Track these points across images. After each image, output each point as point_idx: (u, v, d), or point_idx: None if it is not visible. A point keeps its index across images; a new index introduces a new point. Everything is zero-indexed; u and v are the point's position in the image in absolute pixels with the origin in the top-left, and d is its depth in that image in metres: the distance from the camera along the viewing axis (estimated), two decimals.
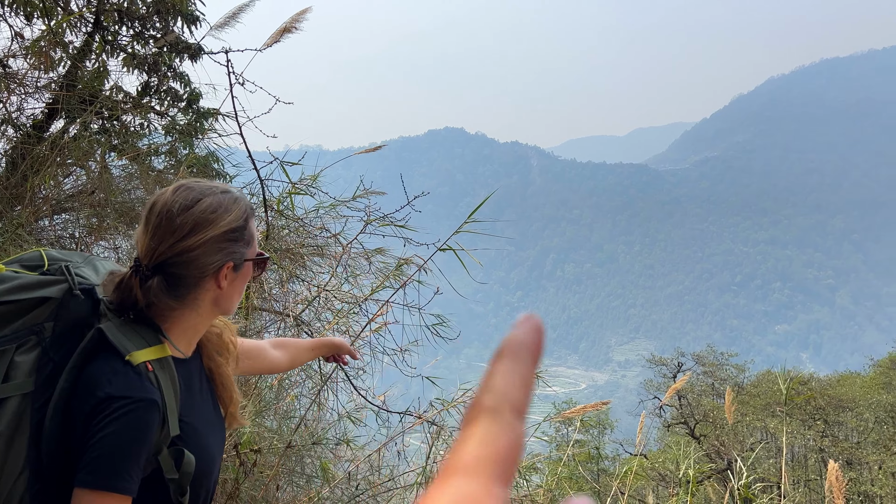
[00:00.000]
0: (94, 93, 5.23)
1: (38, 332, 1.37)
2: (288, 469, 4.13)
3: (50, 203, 4.45)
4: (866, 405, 23.04)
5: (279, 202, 4.44)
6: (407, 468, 4.50)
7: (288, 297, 4.52)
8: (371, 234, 4.76)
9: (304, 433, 4.15)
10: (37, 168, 4.62)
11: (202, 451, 1.46)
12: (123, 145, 5.38)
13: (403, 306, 4.46)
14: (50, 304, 1.40)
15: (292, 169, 4.37)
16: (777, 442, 21.14)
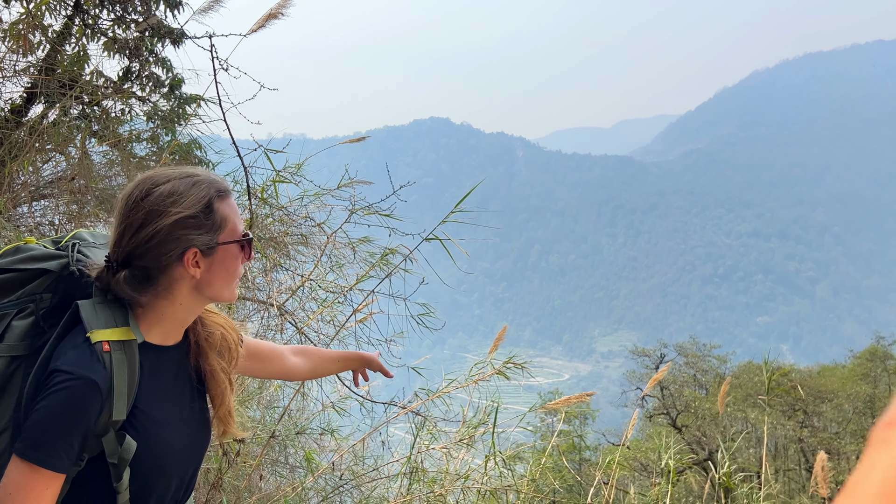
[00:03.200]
0: (74, 77, 5.14)
1: (36, 300, 1.46)
2: (272, 459, 4.11)
3: (28, 189, 4.37)
4: (845, 396, 23.38)
5: (263, 190, 4.40)
6: (391, 458, 4.49)
7: (272, 287, 4.49)
8: (356, 223, 4.73)
9: (288, 423, 4.13)
10: (15, 154, 4.53)
11: (155, 442, 1.44)
12: (104, 131, 5.29)
13: (389, 296, 4.44)
14: (49, 277, 1.48)
15: (276, 157, 4.33)
16: (757, 432, 21.40)
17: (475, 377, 4.20)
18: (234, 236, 1.51)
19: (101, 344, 1.37)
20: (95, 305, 1.43)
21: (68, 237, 1.58)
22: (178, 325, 1.52)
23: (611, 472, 4.67)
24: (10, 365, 1.41)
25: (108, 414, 1.36)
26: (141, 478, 1.43)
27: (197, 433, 1.58)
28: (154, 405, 1.47)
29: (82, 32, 5.54)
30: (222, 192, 1.50)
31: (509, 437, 4.66)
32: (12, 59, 5.12)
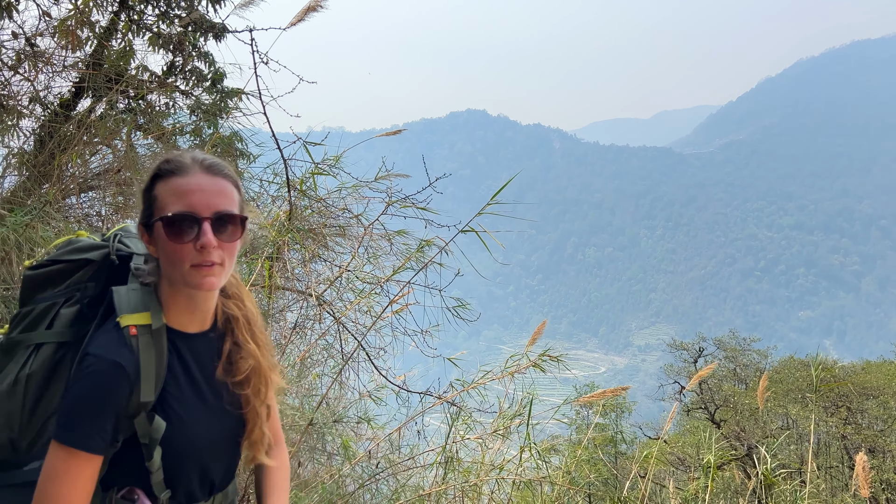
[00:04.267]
0: (120, 72, 5.27)
1: (82, 289, 1.53)
2: (309, 446, 4.18)
3: (77, 181, 4.50)
4: (891, 393, 22.73)
5: (302, 182, 4.45)
6: (426, 448, 4.53)
7: (310, 277, 4.55)
8: (392, 215, 4.76)
9: (326, 411, 4.20)
10: (64, 146, 4.67)
11: (184, 424, 1.49)
12: (149, 124, 5.42)
13: (424, 288, 4.47)
14: (92, 266, 1.55)
15: (315, 149, 4.38)
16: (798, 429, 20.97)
17: (510, 369, 4.20)
18: (159, 215, 1.44)
19: (128, 328, 1.42)
20: (129, 291, 1.48)
21: (115, 229, 1.65)
22: (187, 311, 1.53)
23: (648, 465, 4.64)
24: (57, 351, 1.48)
25: (137, 396, 1.41)
26: (172, 458, 1.48)
27: (227, 423, 1.60)
28: (184, 389, 1.51)
29: (128, 28, 5.67)
30: (167, 171, 1.46)
31: (544, 430, 4.67)
32: (61, 55, 5.27)
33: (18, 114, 5.26)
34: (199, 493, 1.57)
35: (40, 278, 1.55)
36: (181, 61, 5.90)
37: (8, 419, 1.45)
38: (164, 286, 1.51)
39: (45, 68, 5.37)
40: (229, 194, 1.49)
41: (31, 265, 1.59)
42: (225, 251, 1.47)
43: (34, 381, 1.46)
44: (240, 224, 1.49)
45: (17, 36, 5.34)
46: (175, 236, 1.42)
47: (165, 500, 1.51)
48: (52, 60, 5.38)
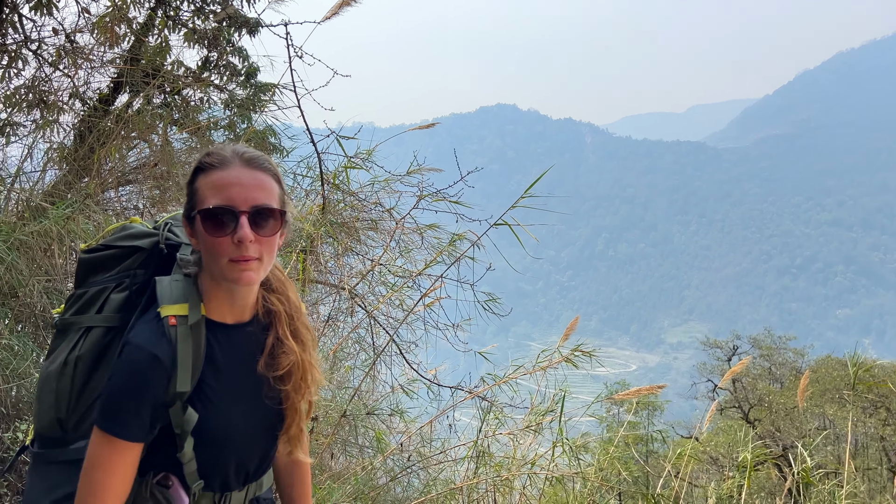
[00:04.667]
0: (157, 67, 5.35)
1: (132, 276, 1.57)
2: (341, 439, 4.21)
3: (115, 175, 4.59)
4: None
5: (335, 176, 4.47)
6: (458, 442, 4.53)
7: (343, 271, 4.57)
8: (424, 209, 4.76)
9: (358, 404, 4.22)
10: (103, 141, 4.76)
11: (219, 415, 1.49)
12: (184, 119, 5.50)
13: (456, 282, 4.46)
14: (142, 254, 1.59)
15: (346, 144, 4.39)
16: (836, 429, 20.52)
17: (542, 364, 4.18)
18: (199, 208, 1.44)
19: (167, 318, 1.43)
20: (171, 282, 1.49)
21: (166, 217, 1.67)
22: (227, 303, 1.53)
23: (681, 464, 4.58)
24: (105, 335, 1.52)
25: (173, 386, 1.41)
26: (206, 448, 1.48)
27: (264, 415, 1.60)
28: (221, 381, 1.51)
29: (164, 24, 5.75)
30: (208, 165, 1.46)
31: (576, 427, 4.63)
32: (100, 51, 5.36)
33: (59, 109, 5.37)
34: (233, 482, 1.58)
35: (94, 262, 1.59)
36: (216, 56, 5.97)
37: (57, 399, 1.49)
38: (205, 278, 1.51)
39: (84, 64, 5.48)
40: (269, 188, 1.47)
41: (87, 248, 1.63)
42: (263, 246, 1.45)
43: (83, 364, 1.50)
44: (279, 218, 1.48)
45: (58, 32, 5.45)
46: (213, 229, 1.41)
47: (198, 490, 1.52)
48: (90, 56, 5.49)
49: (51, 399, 1.50)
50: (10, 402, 3.56)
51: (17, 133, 5.31)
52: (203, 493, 1.54)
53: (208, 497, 1.55)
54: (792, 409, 20.45)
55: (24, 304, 3.81)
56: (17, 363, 3.46)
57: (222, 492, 1.57)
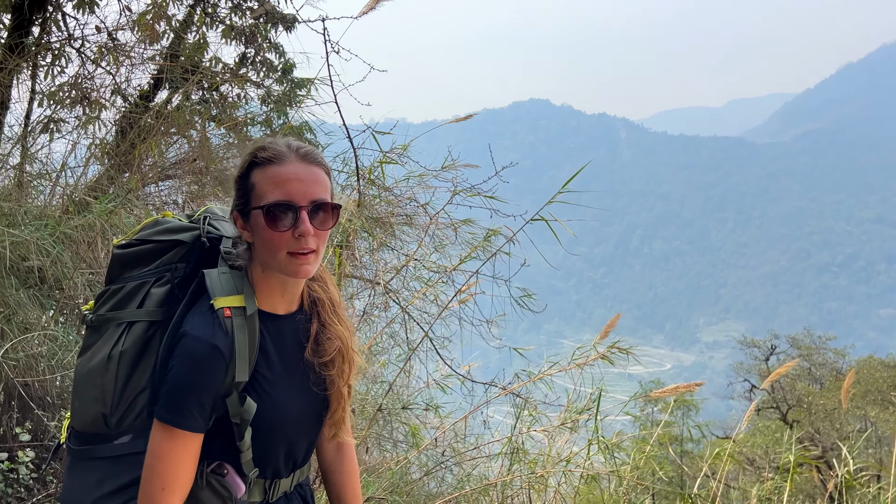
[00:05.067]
0: (196, 64, 5.43)
1: (172, 270, 1.56)
2: (376, 433, 4.23)
3: (156, 170, 4.67)
4: None
5: (370, 171, 4.48)
6: (491, 438, 4.52)
7: (378, 265, 4.59)
8: (458, 205, 4.75)
9: (393, 398, 4.23)
10: (143, 137, 4.84)
11: (273, 404, 1.52)
12: (222, 115, 5.57)
13: (490, 277, 4.44)
14: (183, 248, 1.59)
15: (381, 139, 4.40)
16: (878, 432, 20.00)
17: (577, 360, 4.14)
18: (257, 203, 1.47)
19: (223, 310, 1.45)
20: (220, 274, 1.51)
21: (200, 211, 1.68)
22: (278, 294, 1.56)
23: (718, 465, 4.51)
24: (148, 329, 1.52)
25: (231, 376, 1.44)
26: (262, 437, 1.51)
27: (312, 402, 1.64)
28: (273, 370, 1.54)
29: (202, 21, 5.83)
30: (264, 160, 1.48)
31: (610, 425, 4.59)
32: (141, 48, 5.46)
33: (101, 106, 5.48)
34: (283, 469, 1.62)
35: (130, 257, 1.60)
36: (253, 53, 6.03)
37: (102, 394, 1.50)
38: (255, 269, 1.54)
39: (125, 61, 5.59)
40: (323, 182, 1.51)
41: (121, 244, 1.63)
42: (320, 238, 1.49)
43: (126, 358, 1.50)
44: (334, 211, 1.52)
45: (100, 30, 5.56)
46: (274, 224, 1.44)
47: (254, 478, 1.55)
48: (131, 54, 5.59)
49: (95, 394, 1.50)
50: (56, 392, 3.65)
51: (62, 129, 5.43)
52: (255, 481, 1.57)
53: (259, 484, 1.58)
54: (832, 411, 19.99)
55: (69, 296, 3.90)
56: (61, 354, 3.55)
57: (272, 479, 1.60)
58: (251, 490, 1.56)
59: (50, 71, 5.48)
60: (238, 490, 1.50)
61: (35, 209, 4.22)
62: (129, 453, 1.48)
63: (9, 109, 5.27)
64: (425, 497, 4.09)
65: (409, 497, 3.92)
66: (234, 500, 1.50)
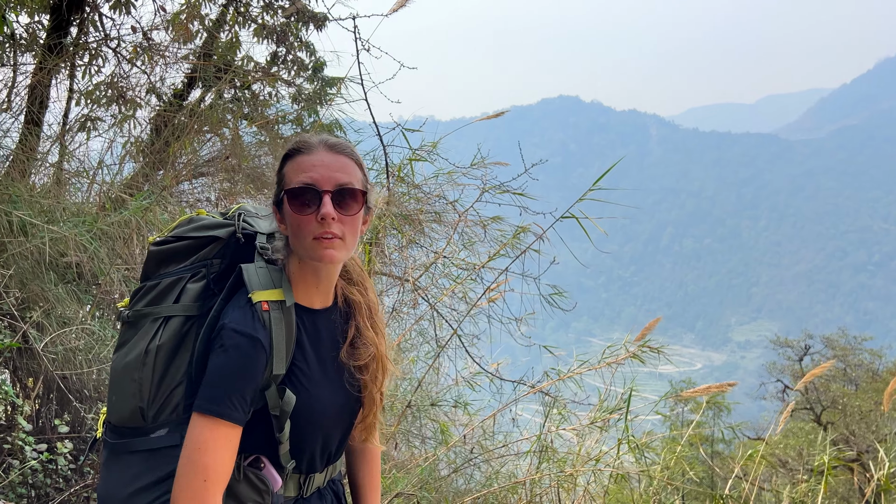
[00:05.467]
0: (228, 63, 5.49)
1: (207, 265, 1.59)
2: (404, 429, 4.25)
3: (189, 168, 4.74)
4: None
5: (400, 168, 4.50)
6: (520, 436, 4.51)
7: (407, 263, 4.60)
8: (487, 202, 4.75)
9: (422, 395, 4.25)
10: (177, 135, 4.92)
11: (310, 397, 1.54)
12: (254, 113, 5.63)
13: (519, 275, 4.43)
14: (219, 243, 1.61)
15: (411, 137, 4.41)
16: None
17: (608, 359, 4.11)
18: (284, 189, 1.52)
19: (260, 304, 1.48)
20: (257, 269, 1.54)
21: (235, 208, 1.71)
22: (314, 287, 1.59)
23: (750, 466, 4.44)
24: (185, 324, 1.54)
25: (269, 369, 1.47)
26: (298, 429, 1.54)
27: (346, 398, 1.66)
28: (309, 363, 1.57)
29: (235, 20, 5.90)
30: (294, 151, 1.55)
31: (640, 425, 4.55)
32: (175, 48, 5.55)
33: (136, 104, 5.58)
34: (318, 463, 1.64)
35: (166, 253, 1.62)
36: (284, 51, 6.09)
37: (139, 388, 1.51)
38: (292, 263, 1.57)
39: (159, 61, 5.68)
40: (351, 171, 1.54)
41: (157, 241, 1.66)
42: (346, 225, 1.51)
43: (163, 352, 1.52)
44: (360, 199, 1.53)
45: (135, 30, 5.66)
46: (298, 208, 1.49)
47: (290, 470, 1.57)
48: (166, 53, 5.68)
49: (132, 389, 1.52)
50: (92, 385, 3.73)
51: (98, 128, 5.55)
52: (290, 475, 1.59)
53: (295, 478, 1.61)
54: (868, 413, 19.57)
55: (105, 291, 3.98)
56: (98, 348, 3.63)
57: (307, 473, 1.62)
58: (286, 484, 1.59)
59: (87, 70, 5.59)
60: (275, 483, 1.52)
61: (73, 206, 4.32)
62: (165, 446, 1.49)
63: (48, 108, 5.39)
64: (454, 494, 4.10)
65: (438, 493, 3.93)
66: (271, 493, 1.52)
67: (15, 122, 5.25)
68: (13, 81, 5.30)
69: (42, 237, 3.56)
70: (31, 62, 5.45)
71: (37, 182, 4.78)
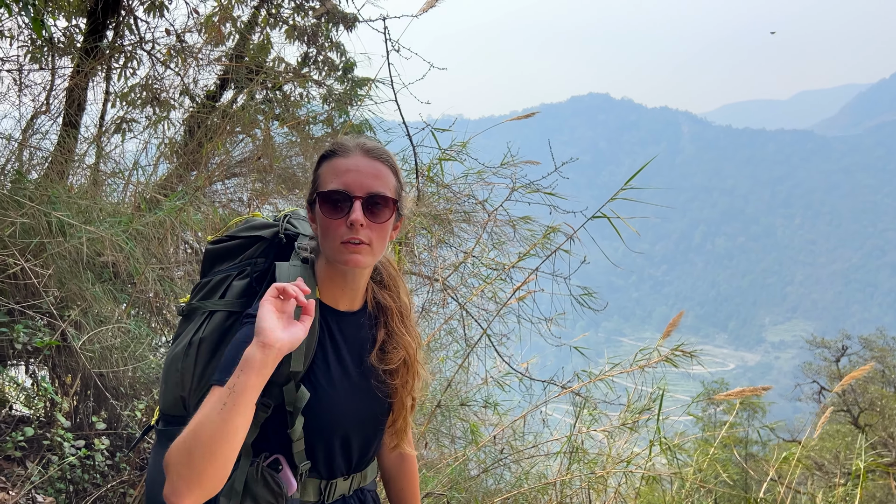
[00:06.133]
0: (260, 64, 5.55)
1: (252, 264, 1.65)
2: (434, 429, 4.25)
3: (222, 168, 4.80)
4: None
5: (429, 168, 4.50)
6: (550, 437, 4.49)
7: (436, 262, 4.61)
8: (516, 201, 4.73)
9: (452, 394, 4.25)
10: (210, 136, 4.99)
11: (328, 397, 1.54)
12: (285, 114, 5.69)
13: (549, 275, 4.40)
14: (263, 243, 1.67)
15: (440, 136, 4.41)
16: None
17: (640, 362, 4.06)
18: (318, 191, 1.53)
19: None
20: (290, 267, 1.56)
21: (286, 210, 1.77)
22: (339, 288, 1.59)
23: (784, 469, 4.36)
24: (227, 319, 1.60)
25: (287, 364, 1.46)
26: (314, 429, 1.53)
27: (370, 403, 1.63)
28: (331, 363, 1.57)
29: (266, 22, 5.96)
30: (330, 153, 1.55)
31: (671, 426, 4.50)
32: (207, 50, 5.62)
33: (170, 106, 5.67)
34: (338, 469, 1.61)
35: (219, 252, 1.70)
36: (314, 52, 6.14)
37: (181, 378, 1.58)
38: (321, 263, 1.59)
39: (192, 62, 5.76)
40: (384, 178, 1.53)
41: (213, 240, 1.74)
42: (374, 232, 1.50)
43: (206, 345, 1.57)
44: (392, 207, 1.53)
45: (169, 33, 5.75)
46: (329, 212, 1.49)
47: (305, 471, 1.56)
48: (199, 55, 5.76)
49: (176, 378, 1.59)
50: (128, 383, 3.80)
51: (133, 129, 5.65)
52: (310, 479, 1.58)
53: (314, 483, 1.59)
54: None
55: (140, 290, 4.06)
56: (134, 346, 3.69)
57: (328, 478, 1.60)
58: (305, 489, 1.57)
59: (122, 73, 5.70)
60: (290, 487, 1.51)
61: (109, 206, 4.40)
62: None
63: (85, 110, 5.50)
64: (483, 493, 4.09)
65: (468, 493, 3.93)
66: (286, 497, 1.50)
67: (53, 125, 5.37)
68: (51, 84, 5.42)
69: (80, 237, 3.63)
70: (69, 65, 5.57)
71: (74, 183, 4.88)
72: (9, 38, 5.24)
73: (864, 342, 24.46)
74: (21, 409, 4.07)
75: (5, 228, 3.48)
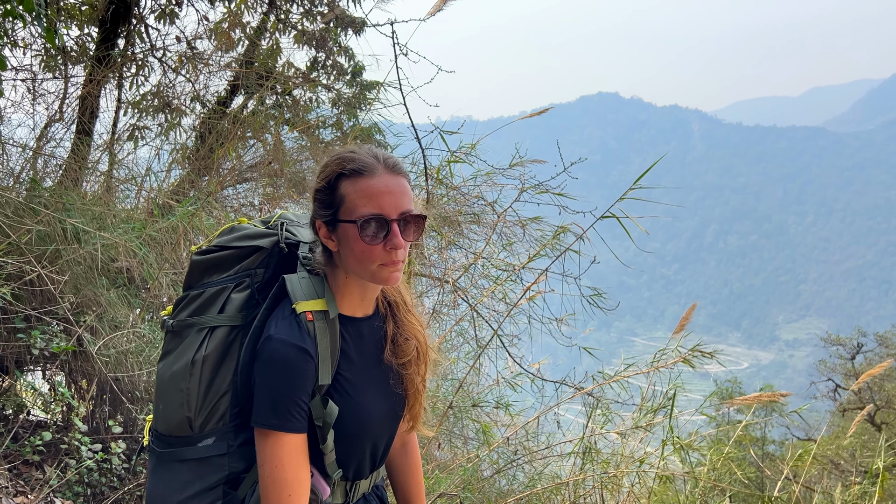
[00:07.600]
0: (269, 69, 5.59)
1: (251, 275, 1.59)
2: (446, 430, 4.26)
3: (233, 173, 4.84)
4: None
5: (438, 171, 4.52)
6: (563, 437, 4.49)
7: (447, 264, 4.62)
8: (525, 202, 4.73)
9: (463, 395, 4.26)
10: (221, 141, 5.03)
11: (355, 406, 1.54)
12: (295, 119, 5.72)
13: (559, 275, 4.40)
14: (262, 253, 1.61)
15: (448, 138, 4.42)
16: None
17: (656, 363, 4.06)
18: (349, 216, 1.47)
19: (305, 314, 1.48)
20: (300, 279, 1.54)
21: (275, 217, 1.70)
22: (358, 298, 1.59)
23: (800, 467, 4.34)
24: (230, 334, 1.55)
25: (315, 379, 1.47)
26: (345, 439, 1.54)
27: (393, 403, 1.66)
28: (354, 372, 1.57)
29: (275, 27, 6.00)
30: (353, 171, 1.48)
31: (685, 425, 4.48)
32: (218, 56, 5.67)
33: (182, 112, 5.72)
34: (364, 471, 1.65)
35: (209, 263, 1.62)
36: (323, 57, 6.17)
37: (186, 398, 1.52)
38: (337, 275, 1.57)
39: (203, 69, 5.81)
40: (409, 193, 1.53)
41: (199, 250, 1.66)
42: (406, 248, 1.52)
43: (209, 363, 1.52)
44: (422, 223, 1.54)
45: (180, 40, 5.80)
46: (367, 238, 1.46)
47: (337, 479, 1.59)
48: (209, 61, 5.81)
49: (180, 399, 1.53)
50: (143, 387, 3.84)
51: (146, 136, 5.70)
52: (338, 483, 1.60)
53: (341, 486, 1.62)
54: None
55: (154, 295, 4.09)
56: (148, 351, 3.73)
57: (354, 480, 1.64)
58: (334, 492, 1.60)
59: (134, 81, 5.76)
60: (324, 492, 1.53)
61: (123, 212, 4.45)
62: (212, 455, 1.51)
63: (98, 118, 5.56)
64: (496, 494, 4.10)
65: (481, 494, 3.93)
66: (320, 502, 1.53)
67: (67, 133, 5.43)
68: (65, 92, 5.48)
69: (94, 243, 3.68)
70: (82, 74, 5.63)
71: (88, 190, 4.94)
72: (22, 48, 5.31)
73: (879, 339, 24.22)
74: (39, 413, 4.12)
75: (21, 236, 3.53)
